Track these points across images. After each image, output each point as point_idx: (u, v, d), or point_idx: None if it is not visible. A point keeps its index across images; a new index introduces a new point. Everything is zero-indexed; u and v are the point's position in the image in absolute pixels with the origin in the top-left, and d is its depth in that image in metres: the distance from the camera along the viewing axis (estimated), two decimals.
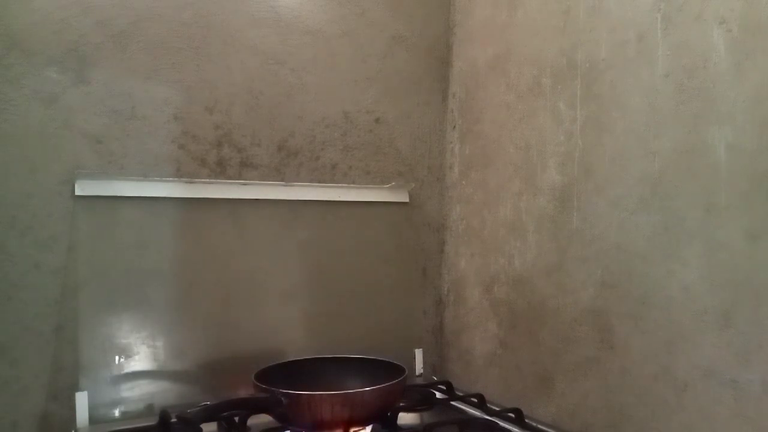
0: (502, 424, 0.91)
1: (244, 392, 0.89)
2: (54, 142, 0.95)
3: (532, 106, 1.05)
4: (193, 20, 1.06)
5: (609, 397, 0.88)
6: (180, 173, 1.05)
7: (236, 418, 0.85)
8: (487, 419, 0.93)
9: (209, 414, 0.80)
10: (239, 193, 1.08)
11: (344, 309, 1.18)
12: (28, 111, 0.94)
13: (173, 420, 0.79)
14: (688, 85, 0.78)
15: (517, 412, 0.92)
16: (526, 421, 0.92)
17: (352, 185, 1.20)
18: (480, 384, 1.15)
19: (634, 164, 0.85)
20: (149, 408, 0.99)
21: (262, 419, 0.88)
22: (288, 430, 0.88)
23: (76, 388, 0.93)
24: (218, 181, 1.07)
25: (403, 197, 1.26)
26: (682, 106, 0.79)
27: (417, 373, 1.22)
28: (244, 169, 1.10)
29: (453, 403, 1.03)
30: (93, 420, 0.92)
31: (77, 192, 0.96)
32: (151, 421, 0.84)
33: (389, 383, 0.89)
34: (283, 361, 1.02)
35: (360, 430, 0.88)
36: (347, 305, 1.18)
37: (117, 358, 0.98)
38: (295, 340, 1.12)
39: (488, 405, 0.99)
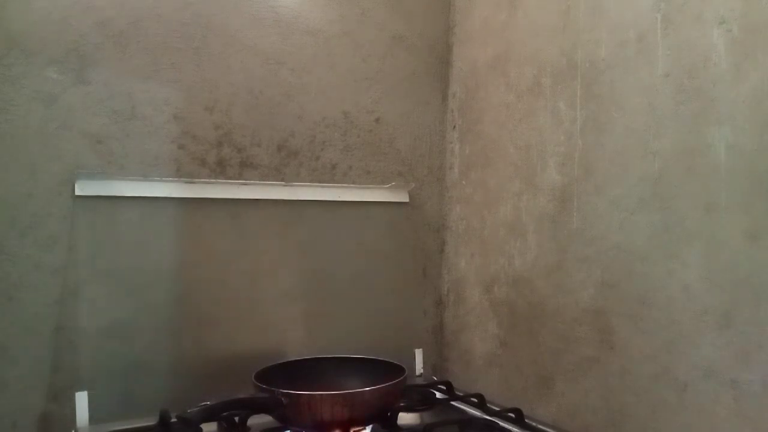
0: (502, 424, 0.91)
1: (244, 392, 0.88)
2: (54, 142, 0.95)
3: (532, 106, 1.05)
4: (193, 20, 1.06)
5: (609, 397, 0.88)
6: (180, 173, 1.04)
7: (236, 418, 0.85)
8: (487, 419, 0.93)
9: (209, 414, 0.80)
10: (239, 193, 1.09)
11: (344, 309, 1.18)
12: (28, 111, 0.94)
13: (173, 420, 0.79)
14: (688, 85, 0.78)
15: (517, 412, 0.92)
16: (526, 421, 0.92)
17: (352, 185, 1.20)
18: (480, 384, 1.15)
19: (634, 164, 0.85)
20: (149, 408, 0.98)
21: (262, 419, 0.88)
22: (288, 430, 0.88)
23: (76, 388, 0.92)
24: (218, 181, 1.07)
25: (403, 197, 1.25)
26: (682, 106, 0.79)
27: (417, 373, 1.21)
28: (244, 169, 1.10)
29: (453, 403, 1.03)
30: (93, 420, 0.92)
31: (77, 192, 0.96)
32: (151, 421, 0.84)
33: (389, 383, 0.89)
34: (283, 361, 1.03)
35: (360, 430, 0.88)
36: (347, 305, 1.18)
37: (117, 358, 0.98)
38: (295, 340, 1.12)
39: (488, 405, 0.99)
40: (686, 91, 0.78)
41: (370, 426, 0.89)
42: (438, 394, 1.06)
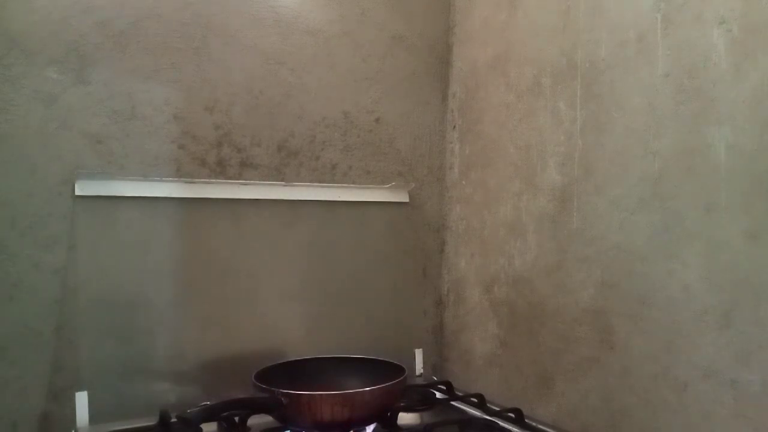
0: (502, 424, 0.91)
1: (244, 392, 0.88)
2: (54, 142, 0.95)
3: (532, 106, 1.05)
4: (193, 20, 1.06)
5: (609, 397, 0.88)
6: (180, 173, 1.04)
7: (236, 418, 0.85)
8: (487, 419, 0.93)
9: (209, 414, 0.80)
10: (239, 193, 1.09)
11: (344, 309, 1.18)
12: (28, 111, 0.94)
13: (173, 420, 0.79)
14: (688, 85, 0.78)
15: (517, 412, 0.93)
16: (526, 421, 0.92)
17: (352, 185, 1.20)
18: (480, 384, 1.15)
19: (634, 164, 0.85)
20: (149, 408, 0.98)
21: (262, 419, 0.88)
22: (288, 430, 0.88)
23: (76, 388, 0.92)
24: (218, 181, 1.07)
25: (403, 197, 1.25)
26: (682, 106, 0.79)
27: (417, 373, 1.21)
28: (244, 169, 1.10)
29: (453, 403, 1.03)
30: (93, 420, 0.92)
31: (77, 192, 0.96)
32: (151, 421, 0.84)
33: (389, 383, 0.89)
34: (283, 361, 1.03)
35: (360, 430, 0.88)
36: (347, 305, 1.18)
37: (117, 358, 0.98)
38: (295, 340, 1.12)
39: (488, 405, 0.99)
40: (686, 91, 0.78)
41: (370, 426, 0.89)
42: (438, 394, 1.06)
